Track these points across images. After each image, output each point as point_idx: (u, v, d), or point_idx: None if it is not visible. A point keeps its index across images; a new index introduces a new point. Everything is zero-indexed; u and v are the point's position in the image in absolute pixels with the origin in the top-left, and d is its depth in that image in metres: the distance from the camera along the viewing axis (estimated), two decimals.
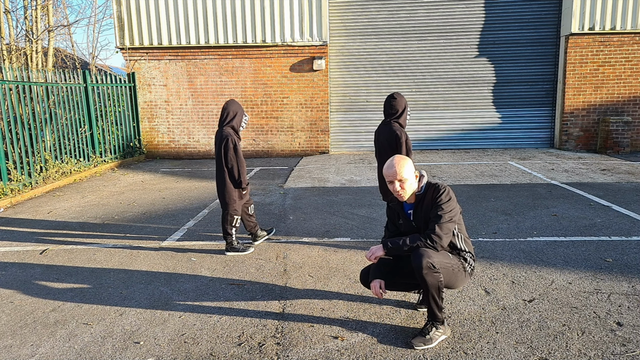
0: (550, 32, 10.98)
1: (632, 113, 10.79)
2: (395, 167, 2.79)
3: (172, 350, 2.85)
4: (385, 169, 2.83)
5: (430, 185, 2.86)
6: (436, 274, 2.67)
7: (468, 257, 2.90)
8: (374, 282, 2.89)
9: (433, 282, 2.69)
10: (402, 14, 11.09)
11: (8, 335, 3.08)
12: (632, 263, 4.02)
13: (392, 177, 2.80)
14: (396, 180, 2.79)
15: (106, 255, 4.59)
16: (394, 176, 2.79)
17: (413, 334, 2.93)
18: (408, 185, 2.81)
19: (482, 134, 11.48)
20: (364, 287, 3.66)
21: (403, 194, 2.82)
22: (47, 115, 8.38)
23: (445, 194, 2.78)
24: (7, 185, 7.12)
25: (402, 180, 2.79)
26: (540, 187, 7.08)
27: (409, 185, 2.82)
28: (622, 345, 2.76)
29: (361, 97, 11.49)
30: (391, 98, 4.25)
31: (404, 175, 2.78)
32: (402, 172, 2.77)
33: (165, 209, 6.36)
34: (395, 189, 2.81)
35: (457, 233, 2.88)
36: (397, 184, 2.80)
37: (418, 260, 2.66)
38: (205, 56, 11.16)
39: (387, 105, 4.28)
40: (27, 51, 11.04)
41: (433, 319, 2.84)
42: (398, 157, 2.83)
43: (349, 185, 7.66)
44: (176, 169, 9.90)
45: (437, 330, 2.84)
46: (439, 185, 2.83)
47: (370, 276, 2.96)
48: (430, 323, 2.85)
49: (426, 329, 2.84)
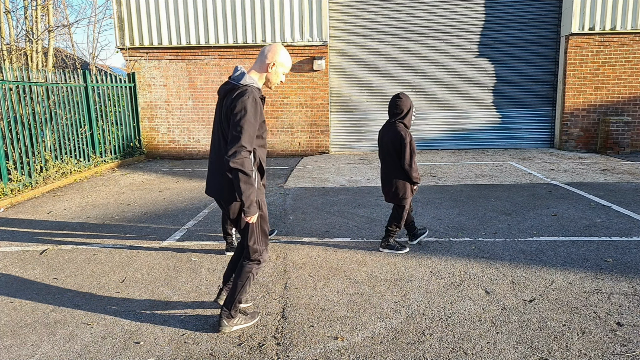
0: (550, 32, 10.98)
1: (632, 113, 10.79)
2: None
3: (172, 350, 2.85)
4: None
5: None
6: None
7: None
8: None
9: None
10: (402, 14, 11.09)
11: (8, 335, 3.08)
12: (632, 263, 4.01)
13: None
14: None
15: (106, 255, 4.59)
16: None
17: (413, 334, 2.93)
18: None
19: (482, 134, 11.48)
20: (363, 287, 3.66)
21: None
22: (47, 115, 8.38)
23: None
24: (7, 185, 7.12)
25: None
26: (541, 187, 7.07)
27: None
28: (622, 346, 2.76)
29: (361, 97, 11.49)
30: (396, 98, 4.24)
31: None
32: None
33: (166, 209, 6.36)
34: None
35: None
36: None
37: None
38: (205, 56, 11.16)
39: (392, 105, 4.27)
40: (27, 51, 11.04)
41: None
42: None
43: (349, 185, 7.66)
44: (176, 169, 9.90)
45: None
46: None
47: None
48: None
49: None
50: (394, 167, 4.29)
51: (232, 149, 2.60)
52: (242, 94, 2.66)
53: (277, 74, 2.89)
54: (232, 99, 2.69)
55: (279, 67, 2.86)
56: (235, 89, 2.74)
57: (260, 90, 2.79)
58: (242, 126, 2.61)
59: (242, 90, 2.69)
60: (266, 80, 2.90)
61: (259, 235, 2.93)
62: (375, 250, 4.50)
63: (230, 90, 2.75)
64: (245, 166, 2.61)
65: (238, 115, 2.63)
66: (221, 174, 2.83)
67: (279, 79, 2.93)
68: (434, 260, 4.21)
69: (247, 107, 2.63)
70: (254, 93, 2.69)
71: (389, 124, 4.29)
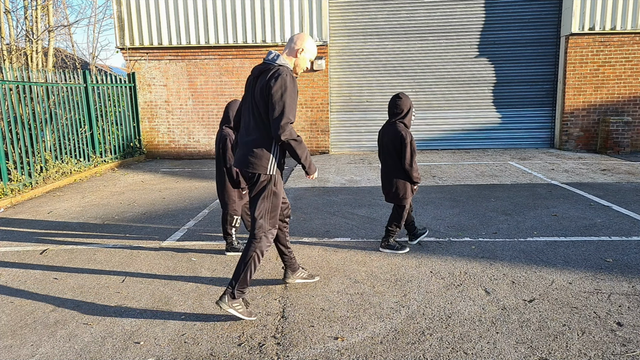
0: (550, 32, 10.98)
1: (632, 113, 10.79)
2: None
3: (172, 350, 2.85)
4: None
5: None
6: None
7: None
8: None
9: None
10: (402, 14, 11.09)
11: (8, 335, 3.08)
12: (632, 263, 4.01)
13: None
14: None
15: (106, 255, 4.59)
16: None
17: (413, 334, 2.93)
18: None
19: (482, 134, 11.48)
20: (363, 287, 3.66)
21: None
22: (47, 115, 8.38)
23: None
24: (7, 185, 7.12)
25: None
26: (541, 187, 7.07)
27: None
28: (622, 346, 2.76)
29: (361, 97, 11.49)
30: (396, 98, 4.24)
31: None
32: None
33: (166, 209, 6.36)
34: None
35: None
36: None
37: None
38: (205, 56, 11.16)
39: (392, 105, 4.27)
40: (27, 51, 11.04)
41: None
42: None
43: (349, 185, 7.66)
44: (176, 169, 9.90)
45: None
46: None
47: None
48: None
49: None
50: (395, 167, 4.29)
51: (279, 124, 2.87)
52: (279, 73, 2.90)
53: (305, 59, 3.14)
54: (268, 78, 2.92)
55: (306, 53, 3.12)
56: (270, 68, 2.98)
57: (292, 71, 3.05)
58: (284, 101, 2.87)
59: (279, 69, 2.94)
60: (294, 65, 3.14)
61: (268, 209, 3.09)
62: (375, 250, 4.50)
63: (265, 70, 2.99)
64: (294, 135, 2.93)
65: (279, 92, 2.87)
66: (249, 146, 3.03)
67: (305, 65, 3.17)
68: (434, 260, 4.21)
69: (287, 84, 2.88)
70: (289, 71, 2.96)
71: (389, 124, 4.29)
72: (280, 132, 2.87)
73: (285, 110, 2.87)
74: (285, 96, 2.87)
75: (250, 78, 3.10)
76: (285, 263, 3.64)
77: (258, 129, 3.01)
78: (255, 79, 3.06)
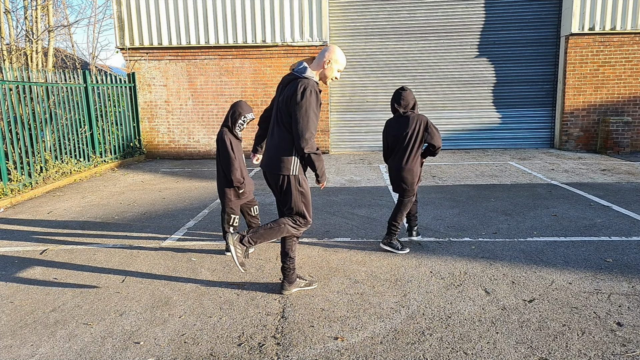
0: (550, 32, 10.98)
1: (632, 113, 10.79)
2: None
3: (172, 350, 2.85)
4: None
5: None
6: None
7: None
8: None
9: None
10: (403, 14, 11.10)
11: (8, 335, 3.08)
12: (632, 263, 4.02)
13: None
14: None
15: (106, 255, 4.59)
16: None
17: (413, 334, 2.93)
18: None
19: (482, 134, 11.48)
20: (363, 287, 3.66)
21: None
22: (47, 115, 8.38)
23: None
24: (7, 185, 7.12)
25: None
26: (541, 187, 7.07)
27: None
28: (622, 346, 2.76)
29: (361, 97, 11.50)
30: (402, 90, 4.33)
31: None
32: None
33: (166, 209, 6.36)
34: None
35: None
36: None
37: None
38: (205, 56, 11.16)
39: (398, 97, 4.32)
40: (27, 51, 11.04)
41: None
42: None
43: (349, 185, 7.66)
44: (176, 169, 9.90)
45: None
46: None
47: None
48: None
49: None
50: (415, 156, 4.34)
51: (302, 137, 3.10)
52: (304, 87, 3.10)
53: (332, 69, 3.31)
54: (294, 90, 3.13)
55: (334, 64, 3.29)
56: (297, 79, 3.20)
57: (317, 84, 3.21)
58: (308, 116, 3.09)
59: (304, 83, 3.13)
60: (322, 76, 3.34)
61: (299, 201, 3.32)
62: (375, 250, 4.50)
63: (293, 81, 3.22)
64: (314, 148, 3.16)
65: (303, 107, 3.08)
66: (274, 150, 3.27)
67: (333, 75, 3.34)
68: (434, 260, 4.21)
69: (311, 99, 3.09)
70: (314, 85, 3.14)
71: (401, 116, 4.32)
72: (303, 145, 3.10)
73: (309, 124, 3.10)
74: (309, 111, 3.09)
75: (280, 86, 3.35)
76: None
77: (281, 133, 3.25)
78: (283, 87, 3.30)
